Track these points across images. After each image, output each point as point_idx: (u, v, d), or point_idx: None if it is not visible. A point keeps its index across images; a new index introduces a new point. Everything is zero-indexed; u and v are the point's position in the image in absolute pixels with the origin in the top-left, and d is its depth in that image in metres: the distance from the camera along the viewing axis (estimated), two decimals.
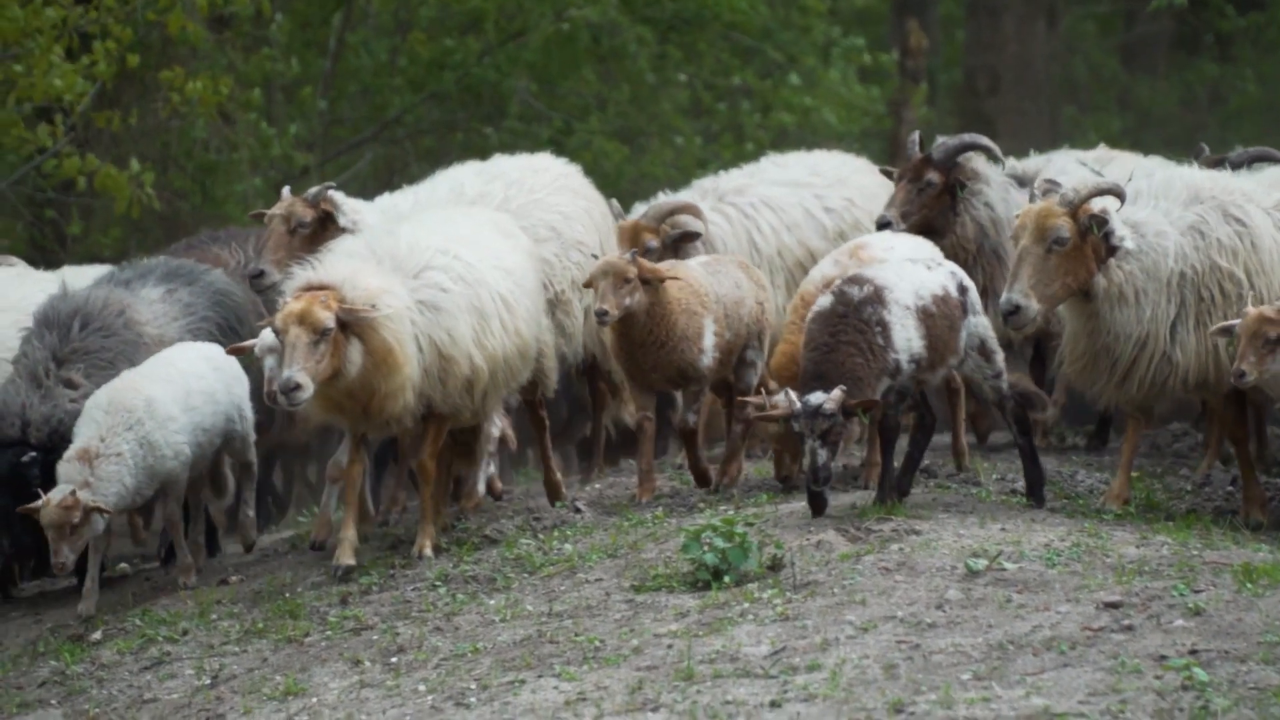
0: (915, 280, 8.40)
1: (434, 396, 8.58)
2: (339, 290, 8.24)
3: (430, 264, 8.63)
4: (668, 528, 8.66)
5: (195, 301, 9.96)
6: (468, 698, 6.94)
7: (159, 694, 7.68)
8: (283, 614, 8.37)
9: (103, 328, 9.45)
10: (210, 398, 9.14)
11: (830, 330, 8.17)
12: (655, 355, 9.24)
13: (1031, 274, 8.41)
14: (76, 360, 9.35)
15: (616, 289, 9.04)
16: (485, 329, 8.70)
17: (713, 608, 7.42)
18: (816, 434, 7.97)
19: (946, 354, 8.48)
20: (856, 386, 8.05)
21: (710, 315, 9.35)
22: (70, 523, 8.46)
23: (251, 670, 7.75)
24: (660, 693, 6.68)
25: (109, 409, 8.72)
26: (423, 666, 7.36)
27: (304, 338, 8.08)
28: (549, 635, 7.43)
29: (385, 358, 8.28)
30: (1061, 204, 8.48)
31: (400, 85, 19.12)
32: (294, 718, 7.08)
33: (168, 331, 9.72)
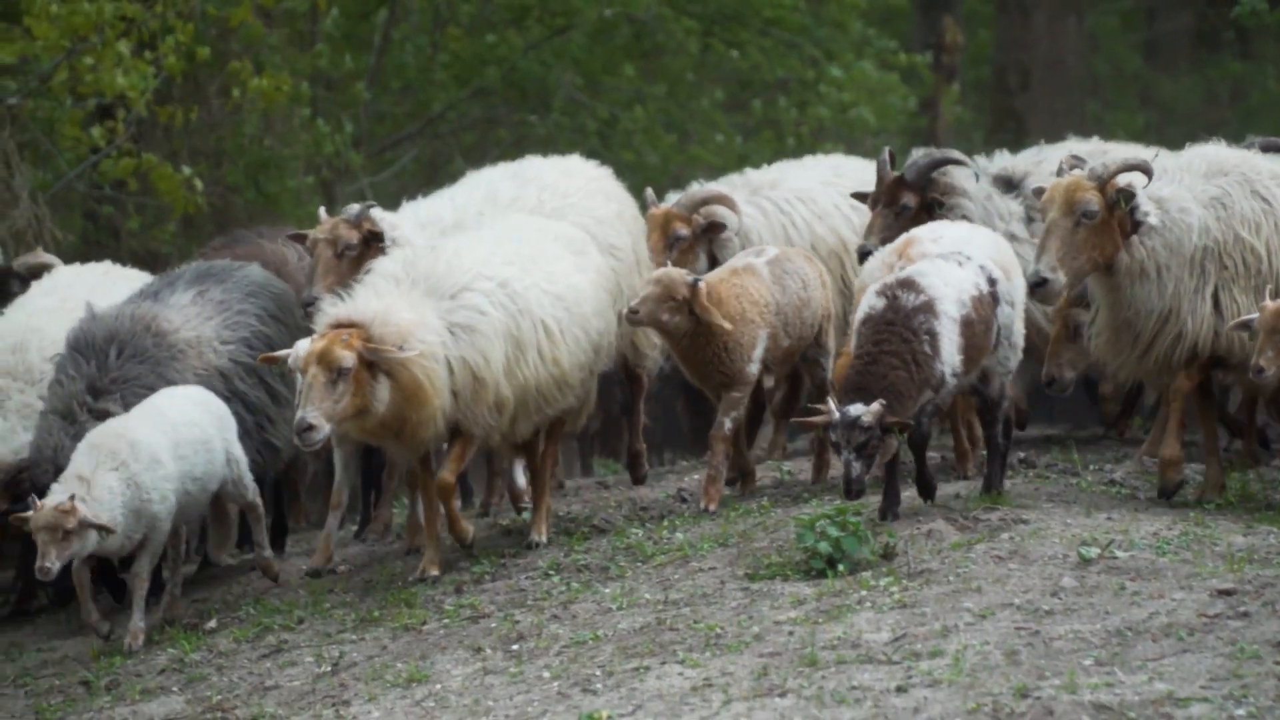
0: (958, 286, 8.34)
1: (462, 417, 8.52)
2: (366, 328, 8.19)
3: (468, 285, 8.54)
4: (776, 517, 8.78)
5: (228, 298, 9.80)
6: (593, 684, 7.05)
7: (280, 681, 7.79)
8: (398, 603, 8.49)
9: (138, 353, 9.29)
10: (203, 445, 8.79)
11: (875, 339, 8.10)
12: (703, 361, 9.22)
13: (1060, 247, 8.42)
14: (115, 390, 9.17)
15: (660, 302, 9.01)
16: (520, 359, 8.61)
17: (829, 595, 7.54)
18: (853, 447, 7.91)
19: (982, 355, 8.47)
20: (898, 400, 7.97)
21: (765, 328, 9.29)
22: (64, 527, 8.12)
23: (372, 658, 7.86)
24: (786, 678, 6.79)
25: (91, 451, 8.47)
26: (544, 654, 7.48)
27: (321, 377, 8.05)
28: (668, 623, 7.54)
29: (415, 393, 8.25)
30: (1090, 178, 8.51)
31: (444, 80, 19.21)
32: (420, 704, 7.19)
33: (203, 332, 9.57)
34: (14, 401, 9.53)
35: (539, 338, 8.65)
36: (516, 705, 7.00)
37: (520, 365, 8.57)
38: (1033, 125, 24.14)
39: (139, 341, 9.28)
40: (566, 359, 8.79)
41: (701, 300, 9.03)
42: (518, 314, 8.59)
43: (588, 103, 19.42)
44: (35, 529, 8.15)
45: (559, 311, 8.79)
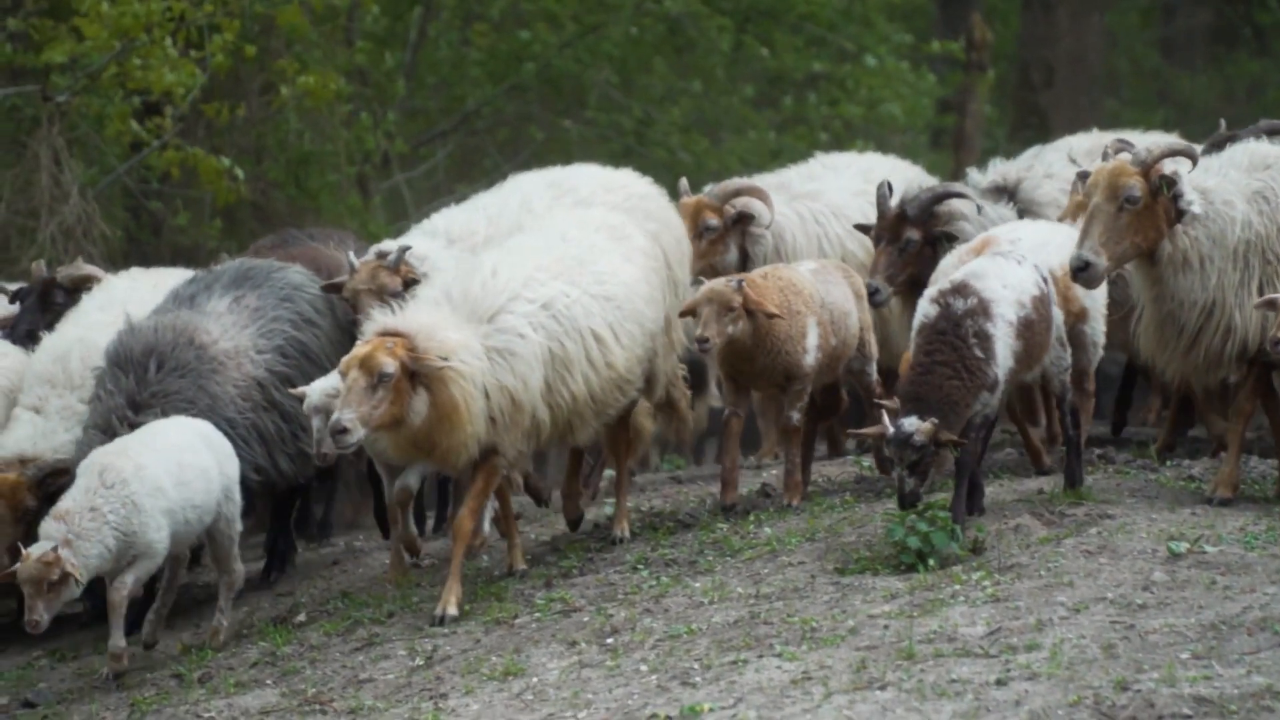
0: (1017, 286, 8.33)
1: (499, 441, 8.40)
2: (412, 339, 8.14)
3: (506, 308, 8.42)
4: (861, 512, 8.85)
5: (264, 304, 9.70)
6: (692, 677, 7.11)
7: (374, 674, 7.85)
8: (488, 597, 8.56)
9: (179, 366, 9.20)
10: (204, 474, 8.63)
11: (927, 349, 8.10)
12: (761, 363, 9.16)
13: (1102, 231, 8.39)
14: (155, 405, 9.10)
15: (720, 317, 8.89)
16: (565, 377, 8.51)
17: (922, 589, 7.61)
18: (905, 463, 7.91)
19: (1042, 353, 8.49)
20: (953, 412, 7.97)
21: (813, 315, 9.24)
22: (48, 579, 7.98)
23: (465, 651, 7.92)
24: (884, 671, 6.86)
25: (87, 471, 8.35)
26: (639, 647, 7.54)
27: (361, 381, 7.99)
28: (762, 617, 7.61)
29: (450, 413, 8.16)
30: (1134, 163, 8.49)
31: (479, 77, 19.27)
32: (519, 697, 7.25)
33: (240, 341, 9.49)
34: (54, 405, 9.57)
35: (588, 348, 8.57)
36: (616, 698, 7.07)
37: (566, 383, 8.50)
38: (1056, 122, 24.21)
39: (180, 354, 9.22)
40: (622, 360, 8.73)
41: (751, 295, 8.99)
42: (562, 334, 8.50)
43: (624, 101, 19.46)
44: (21, 582, 8.05)
45: (610, 313, 8.70)
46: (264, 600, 9.51)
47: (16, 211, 14.63)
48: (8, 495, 9.11)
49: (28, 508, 9.08)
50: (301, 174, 16.73)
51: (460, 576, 8.47)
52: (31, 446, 9.36)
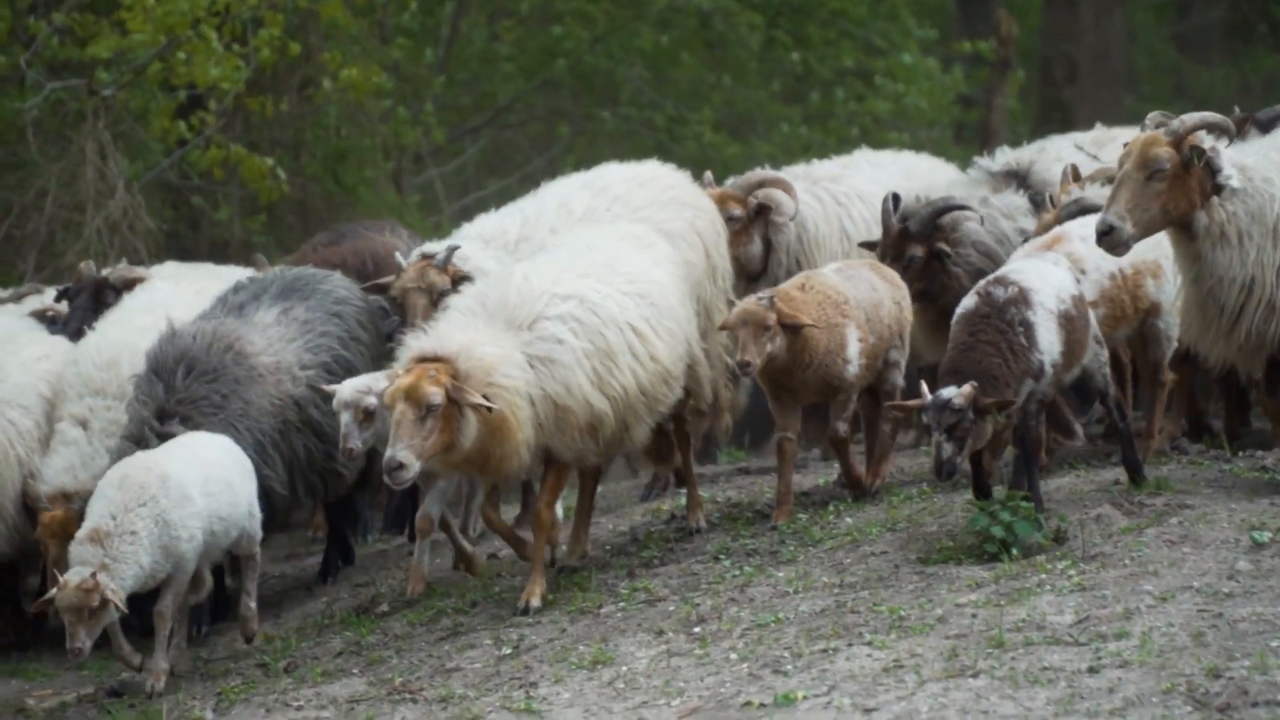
0: (1056, 282, 8.40)
1: (551, 444, 8.38)
2: (453, 363, 8.03)
3: (544, 313, 8.35)
4: (939, 502, 8.90)
5: (312, 317, 9.61)
6: (783, 665, 7.17)
7: (460, 663, 7.91)
8: (571, 586, 8.61)
9: (208, 370, 9.10)
10: (229, 486, 8.58)
11: (971, 329, 8.17)
12: (801, 376, 9.09)
13: (1129, 198, 8.40)
14: (183, 411, 8.99)
15: (757, 338, 8.79)
16: (612, 369, 8.43)
17: (1007, 579, 7.66)
18: (943, 428, 7.91)
19: (1083, 351, 8.53)
20: (992, 385, 8.01)
21: (852, 322, 9.16)
22: (89, 606, 7.88)
23: (552, 640, 7.98)
24: (976, 660, 6.91)
25: (121, 485, 8.21)
26: (727, 636, 7.60)
27: (410, 414, 7.88)
28: (849, 605, 7.66)
29: (500, 427, 8.11)
30: (1167, 134, 8.50)
31: (510, 73, 19.32)
32: (610, 685, 7.30)
33: (284, 356, 9.41)
34: (99, 421, 9.44)
35: (629, 340, 8.53)
36: (708, 686, 7.12)
37: (614, 375, 8.43)
38: (1079, 117, 24.23)
39: (213, 360, 9.12)
40: (665, 353, 8.67)
41: (784, 310, 8.88)
42: (601, 326, 8.45)
43: (657, 98, 19.51)
44: (60, 610, 7.94)
45: (645, 309, 8.66)
46: (343, 591, 9.58)
47: (62, 205, 14.68)
48: (60, 534, 8.98)
49: None
50: (339, 169, 16.78)
51: (543, 569, 8.52)
52: (73, 480, 9.22)
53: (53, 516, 9.04)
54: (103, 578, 7.87)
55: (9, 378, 9.63)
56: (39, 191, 14.65)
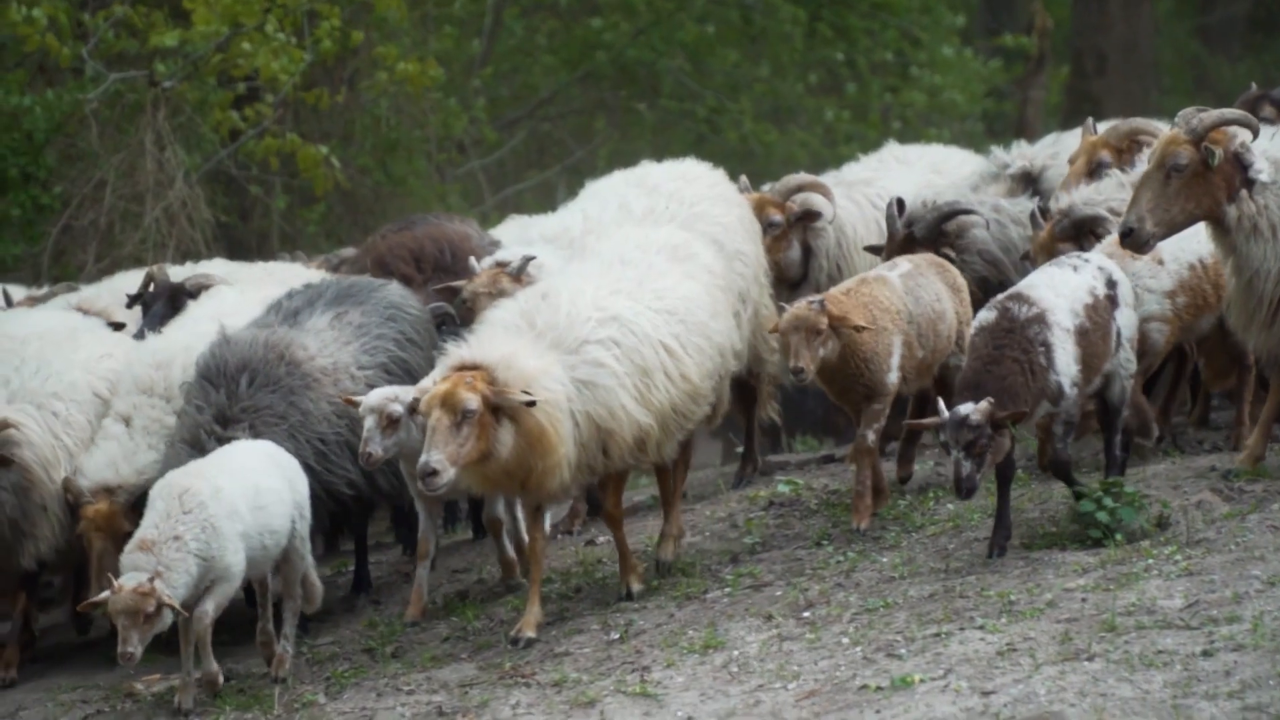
0: (1071, 294, 8.33)
1: (596, 466, 8.27)
2: (491, 371, 7.94)
3: (589, 337, 8.24)
4: (1038, 489, 8.97)
5: (367, 321, 9.45)
6: (897, 649, 7.25)
7: (569, 648, 7.99)
8: (674, 572, 8.68)
9: (270, 382, 8.97)
10: (278, 497, 8.40)
11: (995, 343, 8.08)
12: (842, 380, 8.99)
13: (1150, 198, 8.45)
14: (245, 419, 8.87)
15: (809, 343, 8.67)
16: (650, 385, 8.34)
17: (1113, 564, 7.74)
18: (961, 445, 7.82)
19: (1102, 362, 8.46)
20: (1011, 400, 7.92)
21: (898, 333, 9.02)
22: (144, 611, 7.73)
23: (660, 625, 8.06)
24: (1089, 643, 6.99)
25: (166, 494, 8.08)
26: (837, 620, 7.68)
27: (445, 420, 7.79)
28: (957, 590, 7.74)
29: (539, 439, 7.99)
30: (1186, 131, 8.53)
31: (551, 65, 19.39)
32: (724, 669, 7.38)
33: (340, 357, 9.26)
34: (141, 418, 9.29)
35: (662, 359, 8.42)
36: (823, 670, 7.20)
37: (653, 391, 8.34)
38: (1109, 109, 24.30)
39: (271, 370, 9.02)
40: (695, 371, 8.55)
41: (835, 312, 8.78)
42: (638, 343, 8.35)
43: (698, 90, 19.57)
44: (114, 613, 7.79)
45: (674, 326, 8.53)
46: (442, 578, 9.64)
47: (121, 196, 14.74)
48: (105, 528, 8.91)
49: (126, 534, 8.61)
50: (389, 160, 16.84)
51: (630, 555, 8.58)
52: (114, 474, 9.06)
53: (96, 510, 8.94)
54: (159, 584, 7.78)
55: (63, 374, 9.55)
56: (98, 183, 14.71)
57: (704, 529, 9.44)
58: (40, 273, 14.75)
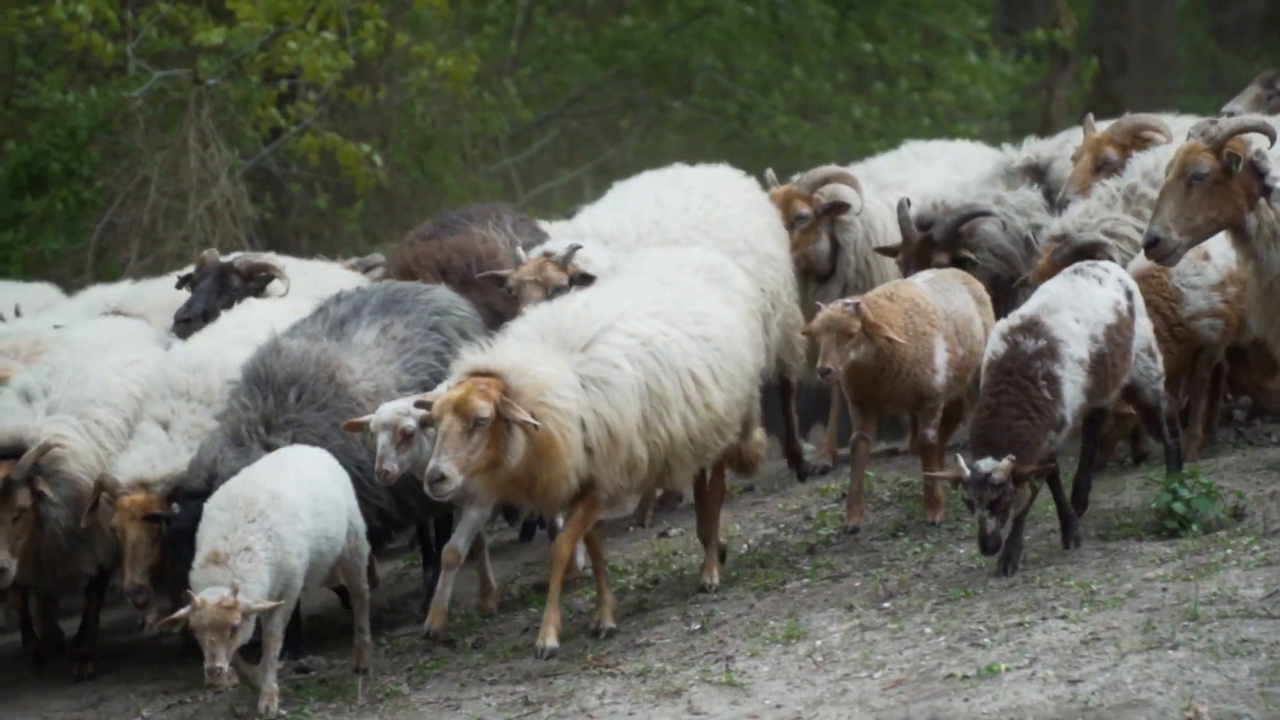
0: (1094, 317, 8.19)
1: (598, 474, 8.09)
2: (504, 378, 7.84)
3: (598, 337, 8.13)
4: (1110, 480, 9.04)
5: (411, 334, 9.30)
6: (980, 638, 7.31)
7: (650, 639, 8.06)
8: (751, 563, 8.75)
9: (316, 400, 8.88)
10: (334, 504, 8.36)
11: (994, 390, 7.98)
12: (888, 387, 8.94)
13: (1173, 209, 8.44)
14: (288, 430, 8.78)
15: (840, 344, 8.66)
16: (663, 414, 8.19)
17: (1190, 554, 7.81)
18: (985, 504, 7.77)
19: (1120, 377, 8.35)
20: (1027, 450, 7.85)
21: (940, 333, 9.02)
22: (231, 625, 7.65)
23: (740, 616, 8.13)
24: (1173, 632, 7.05)
25: (227, 506, 8.01)
26: (918, 610, 7.74)
27: (457, 427, 7.70)
28: (1036, 580, 7.81)
29: (548, 449, 7.88)
30: (1205, 140, 8.53)
31: (582, 62, 19.47)
32: (808, 658, 7.46)
33: (382, 380, 9.09)
34: (182, 421, 9.18)
35: (685, 388, 8.26)
36: (908, 659, 7.27)
37: (664, 421, 8.18)
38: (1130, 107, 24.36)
39: (319, 389, 8.90)
40: (721, 401, 8.39)
41: (870, 318, 8.75)
42: (659, 371, 8.19)
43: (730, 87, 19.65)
44: (199, 630, 7.69)
45: (709, 354, 8.38)
46: (517, 570, 9.70)
47: (164, 194, 14.81)
48: (140, 518, 8.77)
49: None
50: (425, 157, 16.90)
51: (557, 605, 8.10)
52: (150, 470, 8.92)
53: (133, 500, 8.79)
54: (242, 596, 7.71)
55: (95, 379, 9.52)
56: (142, 180, 14.76)
57: (778, 521, 9.52)
58: (83, 269, 14.83)
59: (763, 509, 9.75)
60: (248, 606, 7.69)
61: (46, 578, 9.33)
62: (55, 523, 9.06)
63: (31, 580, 9.36)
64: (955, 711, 6.72)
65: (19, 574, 9.02)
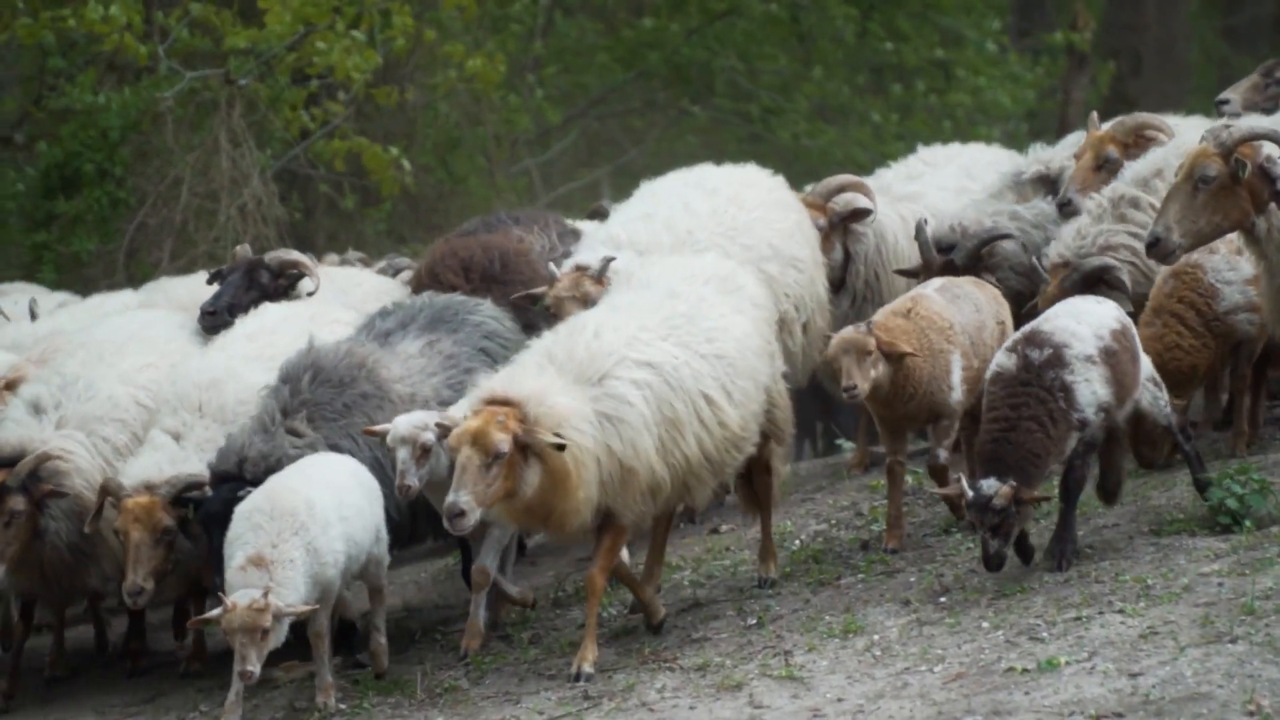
0: (1094, 321, 8.19)
1: (614, 504, 8.04)
2: (522, 407, 7.75)
3: (612, 372, 8.02)
4: (1161, 476, 9.11)
5: (458, 352, 9.26)
6: (1039, 632, 7.37)
7: (707, 634, 8.13)
8: (805, 559, 8.81)
9: (335, 380, 8.86)
10: (360, 511, 8.35)
11: (1012, 401, 7.95)
12: (905, 406, 8.90)
13: (1177, 210, 8.48)
14: (302, 410, 8.77)
15: (860, 363, 8.63)
16: (678, 438, 8.11)
17: (1244, 549, 7.86)
18: (987, 527, 7.83)
19: (1131, 388, 8.32)
20: (1034, 467, 7.87)
21: (957, 349, 8.96)
22: (262, 627, 7.66)
23: (796, 611, 8.20)
24: (1231, 626, 7.10)
25: (273, 514, 7.99)
26: (975, 605, 7.80)
27: (476, 460, 7.61)
28: (1092, 575, 7.87)
29: (562, 481, 7.81)
30: (1216, 145, 8.55)
31: (605, 63, 19.54)
32: (867, 653, 7.52)
33: (421, 389, 9.06)
34: (194, 435, 9.15)
35: (699, 410, 8.19)
36: (967, 653, 7.32)
37: (679, 445, 8.11)
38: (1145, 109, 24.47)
39: (341, 371, 8.90)
40: (735, 419, 8.33)
41: (883, 338, 8.72)
42: (671, 397, 8.11)
43: (753, 90, 19.71)
44: (230, 631, 7.71)
45: (722, 371, 8.32)
46: (569, 567, 9.76)
47: (196, 194, 14.86)
48: (144, 519, 8.74)
49: (166, 527, 8.79)
50: (450, 158, 16.96)
51: (594, 635, 8.04)
52: (158, 473, 8.91)
53: (136, 502, 8.75)
54: (274, 598, 7.72)
55: (100, 392, 9.47)
56: (174, 180, 14.82)
57: (829, 517, 9.58)
58: (115, 269, 14.89)
59: (813, 505, 9.83)
60: (279, 609, 7.69)
61: (51, 591, 9.30)
62: (56, 535, 9.05)
63: (38, 592, 9.35)
64: (1016, 704, 6.77)
65: (24, 586, 9.07)
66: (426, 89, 16.47)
